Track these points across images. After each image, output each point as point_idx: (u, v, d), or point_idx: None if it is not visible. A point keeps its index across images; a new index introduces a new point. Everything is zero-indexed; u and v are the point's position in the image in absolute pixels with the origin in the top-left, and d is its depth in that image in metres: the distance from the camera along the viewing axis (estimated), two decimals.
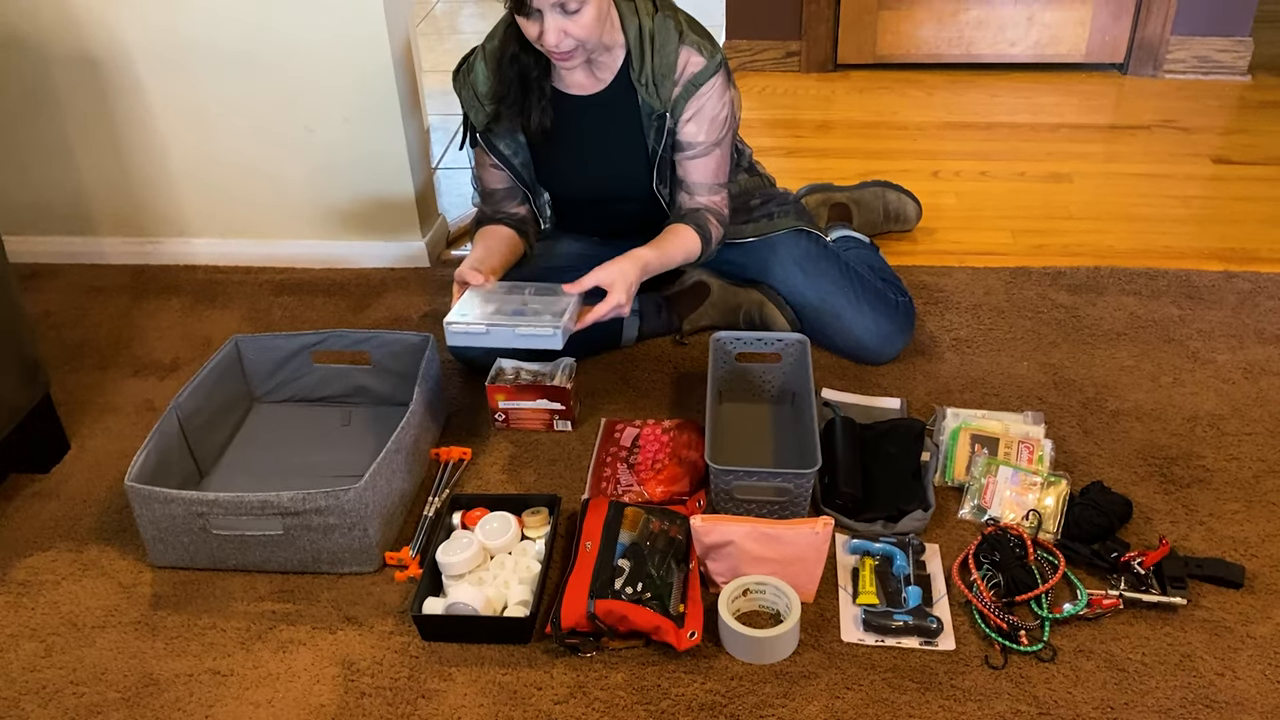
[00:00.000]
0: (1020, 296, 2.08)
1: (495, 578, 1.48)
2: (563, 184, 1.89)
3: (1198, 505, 1.59)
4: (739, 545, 1.43)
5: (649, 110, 1.73)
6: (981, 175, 2.57)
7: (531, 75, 1.72)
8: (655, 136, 1.75)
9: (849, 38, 3.13)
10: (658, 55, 1.69)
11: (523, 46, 1.70)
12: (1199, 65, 3.02)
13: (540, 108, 1.73)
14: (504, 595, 1.46)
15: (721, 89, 1.73)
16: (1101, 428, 1.74)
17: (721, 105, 1.74)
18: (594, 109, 1.76)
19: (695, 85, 1.70)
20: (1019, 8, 3.03)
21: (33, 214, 2.32)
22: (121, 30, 2.07)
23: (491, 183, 1.84)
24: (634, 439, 1.72)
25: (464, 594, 1.42)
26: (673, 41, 1.69)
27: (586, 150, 1.80)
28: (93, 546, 1.61)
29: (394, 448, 1.56)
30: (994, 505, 1.57)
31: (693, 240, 1.76)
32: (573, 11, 1.56)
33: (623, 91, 1.74)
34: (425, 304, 2.15)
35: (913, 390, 1.84)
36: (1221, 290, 2.08)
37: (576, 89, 1.76)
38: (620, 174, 1.82)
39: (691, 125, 1.73)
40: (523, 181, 1.82)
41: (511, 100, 1.72)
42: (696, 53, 1.70)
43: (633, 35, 1.70)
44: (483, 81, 1.74)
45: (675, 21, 1.70)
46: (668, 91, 1.71)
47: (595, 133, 1.78)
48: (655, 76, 1.70)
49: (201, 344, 2.06)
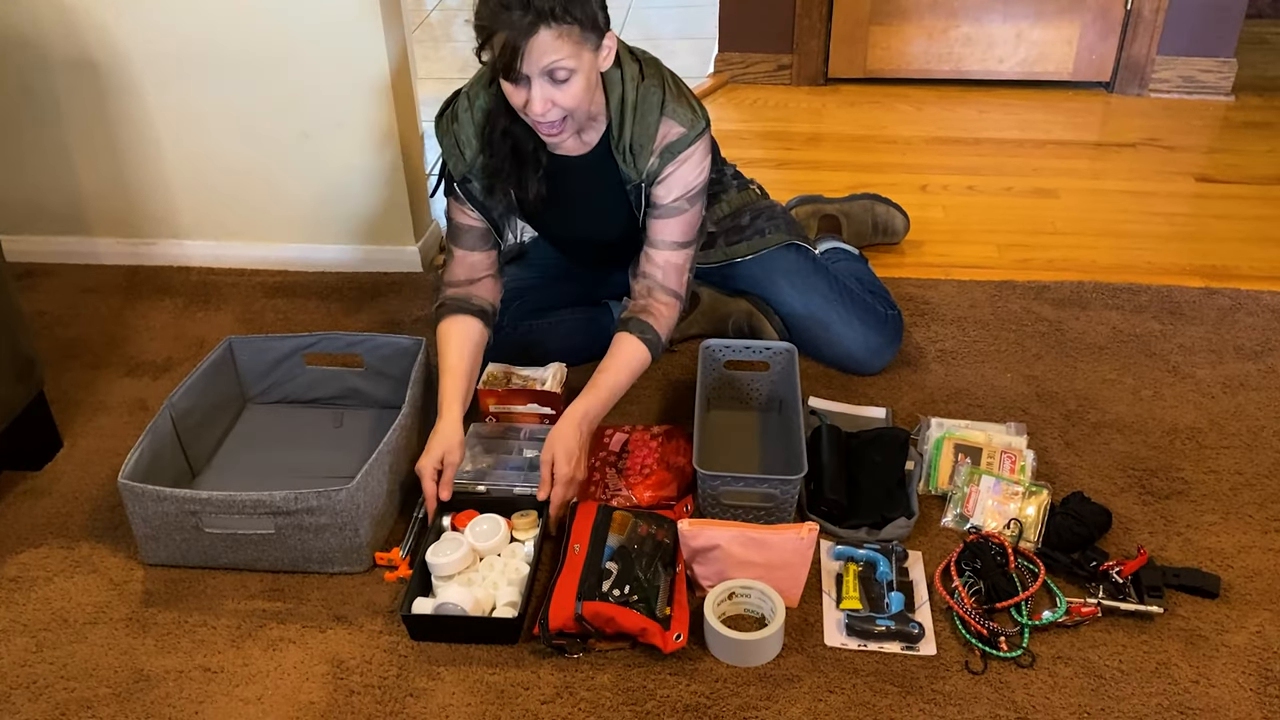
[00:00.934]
0: (1005, 310, 2.12)
1: (484, 579, 1.50)
2: (549, 232, 1.89)
3: (1176, 516, 1.62)
4: (725, 549, 1.45)
5: (628, 180, 1.69)
6: (969, 190, 2.61)
7: (527, 148, 1.66)
8: (636, 201, 1.72)
9: (840, 52, 3.17)
10: (638, 125, 1.64)
11: (513, 118, 1.62)
12: (1184, 85, 3.06)
13: (537, 178, 1.69)
14: (493, 596, 1.48)
15: (699, 158, 1.67)
16: (1083, 439, 1.77)
17: (697, 173, 1.68)
18: (581, 170, 1.72)
19: (672, 153, 1.65)
20: (1008, 26, 3.07)
21: (28, 214, 2.33)
22: (120, 33, 2.09)
23: (463, 221, 1.76)
24: (623, 444, 1.74)
25: (453, 594, 1.44)
26: (654, 113, 1.63)
27: (574, 208, 1.78)
28: (84, 544, 1.62)
29: (386, 449, 1.57)
30: (976, 514, 1.60)
31: (639, 356, 1.68)
32: (561, 81, 1.50)
33: (606, 155, 1.70)
34: (418, 309, 2.17)
35: (898, 400, 1.87)
36: (1202, 306, 2.12)
37: (565, 151, 1.71)
38: (605, 227, 1.80)
39: (661, 188, 1.68)
40: (496, 228, 1.77)
41: (507, 174, 1.67)
42: (677, 124, 1.64)
43: (614, 104, 1.64)
44: (468, 135, 1.67)
45: (661, 91, 1.64)
46: (644, 162, 1.66)
47: (582, 193, 1.75)
48: (634, 146, 1.65)
49: (194, 345, 2.08)
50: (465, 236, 1.76)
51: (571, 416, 1.62)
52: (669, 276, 1.72)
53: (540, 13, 1.43)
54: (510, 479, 1.67)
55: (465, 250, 1.77)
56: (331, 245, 2.30)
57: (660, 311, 1.71)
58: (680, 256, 1.73)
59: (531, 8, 1.43)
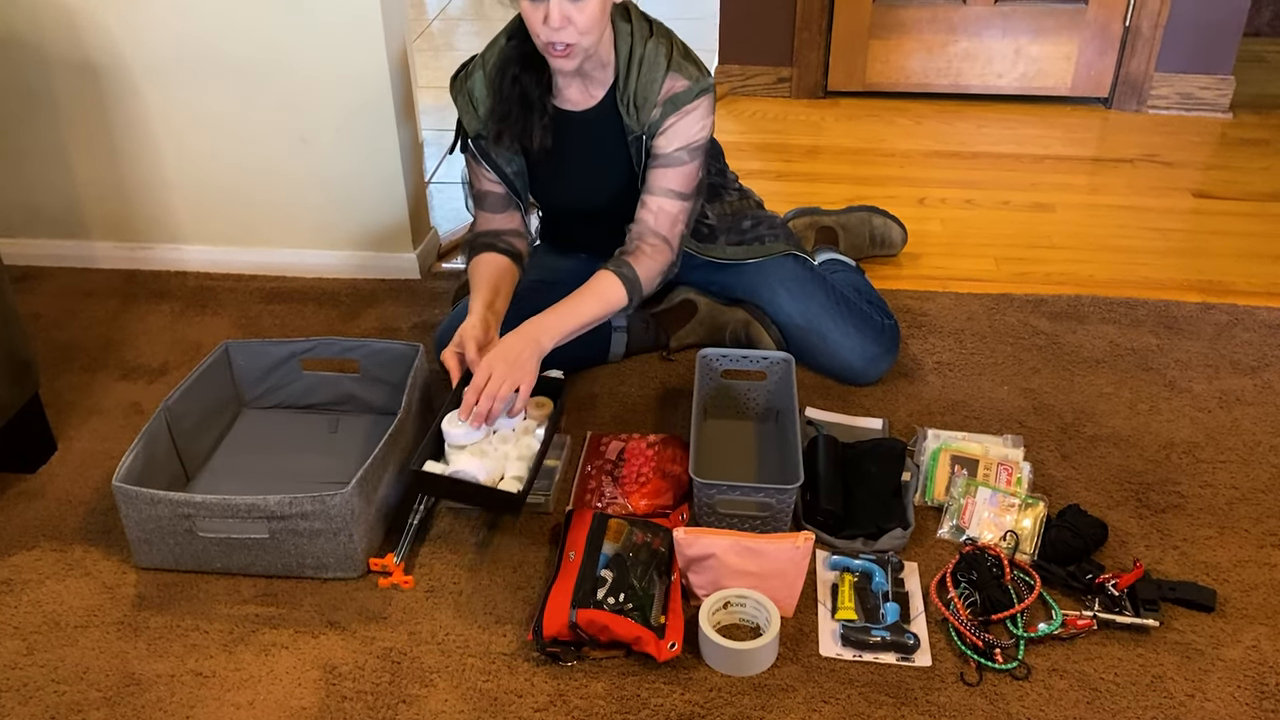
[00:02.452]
0: (1002, 322, 2.12)
1: (496, 450, 1.57)
2: (551, 195, 1.91)
3: (1172, 530, 1.61)
4: (721, 558, 1.45)
5: (630, 131, 1.75)
6: (967, 203, 2.61)
7: (533, 94, 1.73)
8: (636, 156, 1.77)
9: (839, 65, 3.18)
10: (644, 77, 1.71)
11: (523, 67, 1.72)
12: (1182, 102, 3.08)
13: (542, 125, 1.75)
14: (502, 467, 1.55)
15: (702, 114, 1.73)
16: (1079, 452, 1.77)
17: (699, 128, 1.73)
18: (584, 124, 1.79)
19: (675, 105, 1.71)
20: (1007, 41, 3.08)
21: (26, 216, 2.33)
22: (121, 36, 2.09)
23: (484, 187, 1.85)
24: (619, 452, 1.74)
25: (468, 464, 1.52)
26: (660, 67, 1.71)
27: (576, 165, 1.83)
28: (77, 547, 1.61)
29: (381, 455, 1.57)
30: (972, 525, 1.59)
31: (614, 292, 1.70)
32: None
33: (611, 109, 1.76)
34: (415, 315, 2.17)
35: (895, 411, 1.87)
36: (1199, 321, 2.12)
37: (570, 104, 1.79)
38: (605, 188, 1.84)
39: (662, 139, 1.73)
40: (515, 190, 1.84)
41: (514, 120, 1.74)
42: (682, 77, 1.71)
43: (623, 56, 1.72)
44: (480, 90, 1.76)
45: (669, 47, 1.72)
46: (647, 114, 1.72)
47: (584, 147, 1.81)
48: (637, 99, 1.72)
49: (191, 349, 2.07)
50: (487, 200, 1.86)
51: (525, 330, 1.63)
52: (660, 221, 1.76)
53: None
54: None
55: (489, 214, 1.87)
56: (329, 251, 2.30)
57: (645, 253, 1.75)
58: (675, 206, 1.76)
59: None
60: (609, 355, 1.97)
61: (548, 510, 1.66)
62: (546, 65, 1.74)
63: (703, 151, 1.77)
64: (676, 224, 1.77)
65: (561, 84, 1.77)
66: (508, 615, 1.48)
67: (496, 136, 1.76)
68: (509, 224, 1.87)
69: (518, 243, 1.87)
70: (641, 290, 1.74)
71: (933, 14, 3.07)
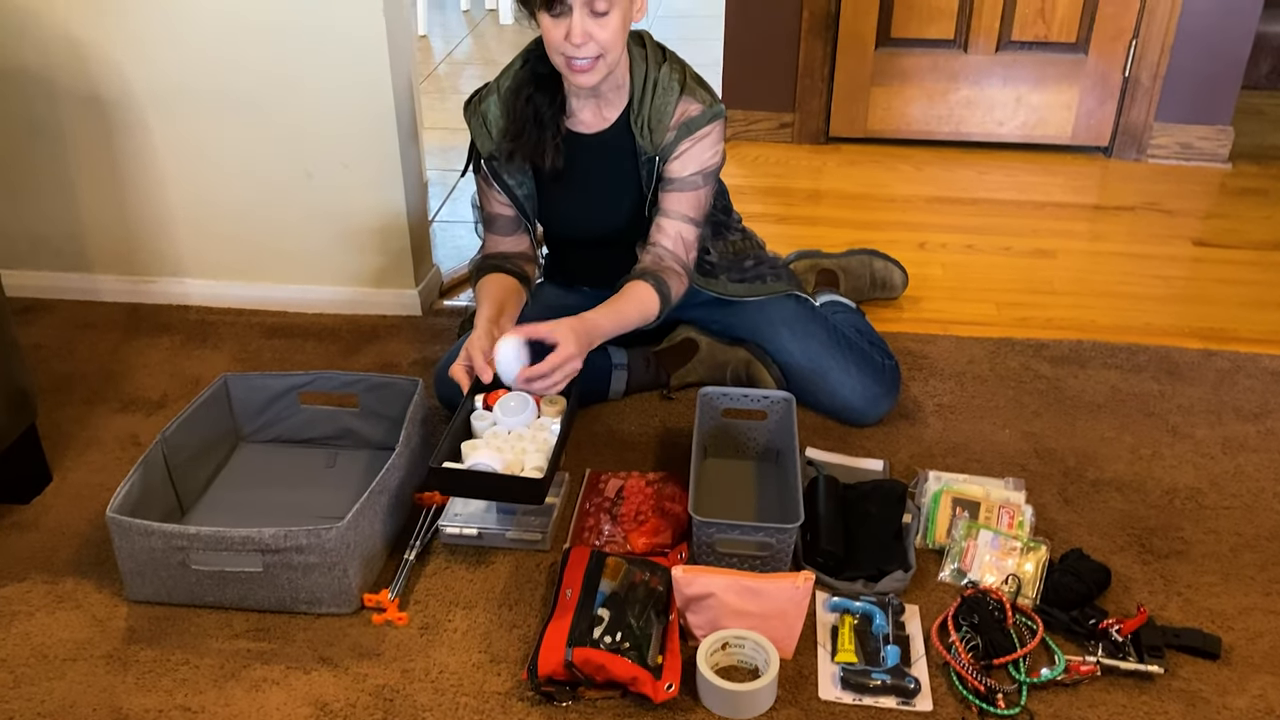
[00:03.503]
0: (1003, 366, 2.11)
1: (512, 447, 1.59)
2: (560, 221, 1.92)
3: (1175, 576, 1.60)
4: (720, 598, 1.43)
5: (642, 153, 1.77)
6: (968, 248, 2.62)
7: (546, 115, 1.76)
8: (647, 179, 1.79)
9: (841, 112, 3.21)
10: (658, 100, 1.74)
11: (537, 87, 1.75)
12: (1181, 151, 3.10)
13: (554, 145, 1.77)
14: (521, 461, 1.56)
15: (715, 139, 1.76)
16: (1081, 497, 1.76)
17: (712, 153, 1.77)
18: (596, 147, 1.81)
19: (689, 130, 1.74)
20: (1008, 89, 3.11)
21: (29, 248, 2.33)
22: (129, 69, 2.11)
23: (494, 209, 1.87)
24: (618, 490, 1.73)
25: (484, 456, 1.54)
26: (674, 91, 1.74)
27: (586, 188, 1.84)
28: (68, 579, 1.60)
29: (378, 489, 1.56)
30: (974, 569, 1.58)
31: (650, 299, 1.74)
32: (600, 13, 1.60)
33: (623, 132, 1.78)
34: (416, 352, 2.16)
35: (896, 453, 1.86)
36: (1201, 368, 2.11)
37: (582, 126, 1.80)
38: (614, 213, 1.85)
39: (677, 163, 1.76)
40: (525, 213, 1.85)
41: (527, 138, 1.76)
42: (695, 101, 1.74)
43: (638, 79, 1.75)
44: (494, 112, 1.78)
45: (682, 73, 1.76)
46: (661, 135, 1.75)
47: (595, 171, 1.82)
48: (651, 121, 1.74)
49: (190, 383, 2.07)
50: (497, 223, 1.88)
51: (582, 320, 1.65)
52: (679, 247, 1.80)
53: None
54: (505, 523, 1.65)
55: (498, 236, 1.90)
56: (331, 287, 2.30)
57: (672, 272, 1.78)
58: (690, 232, 1.80)
59: None
60: (609, 393, 1.96)
61: (545, 548, 1.64)
62: (561, 87, 1.76)
63: (715, 177, 1.81)
64: (691, 250, 1.82)
65: (575, 106, 1.79)
66: (503, 654, 1.46)
67: (509, 156, 1.78)
68: (517, 247, 1.89)
69: (525, 265, 1.88)
70: (670, 305, 1.77)
71: (934, 62, 3.10)
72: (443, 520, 1.65)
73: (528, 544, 1.64)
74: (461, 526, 1.64)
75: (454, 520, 1.65)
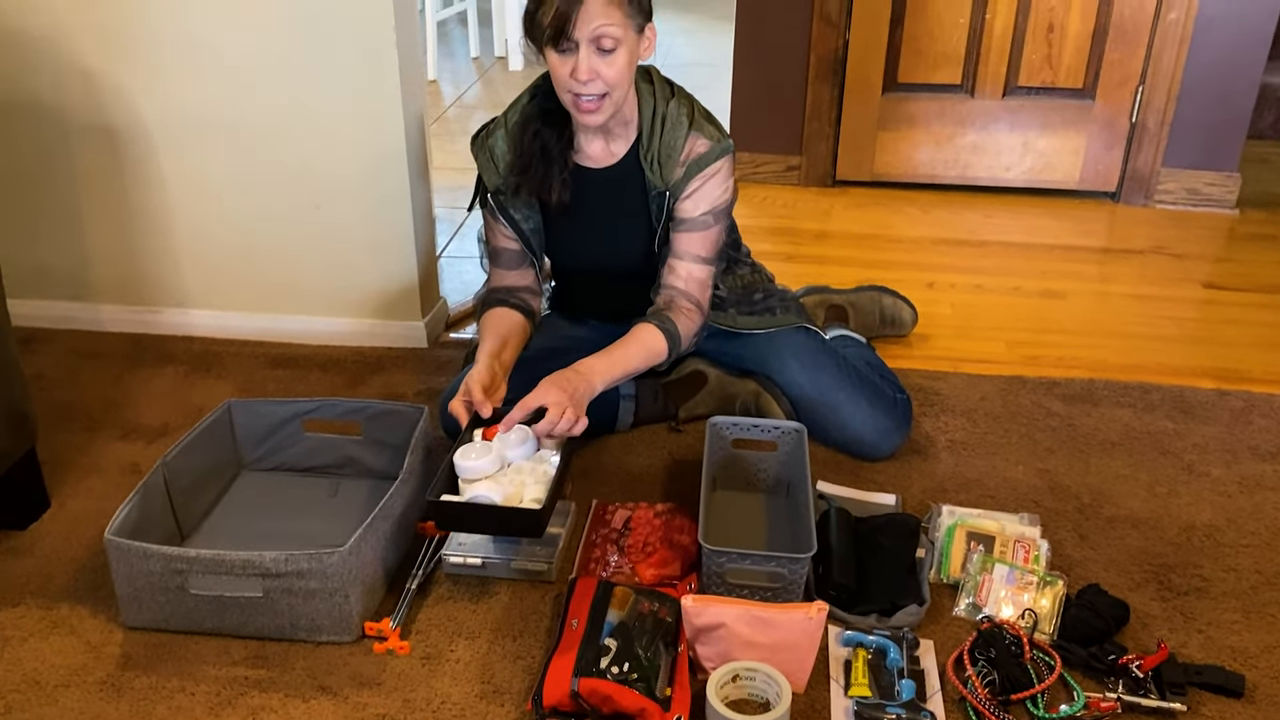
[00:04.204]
0: (1015, 403, 2.09)
1: (511, 481, 1.55)
2: (567, 255, 1.90)
3: (1196, 613, 1.56)
4: (730, 628, 1.40)
5: (652, 188, 1.76)
6: (976, 288, 2.61)
7: (554, 149, 1.75)
8: (656, 214, 1.78)
9: (848, 155, 3.22)
10: (667, 135, 1.74)
11: (545, 122, 1.75)
12: (1189, 197, 3.10)
13: (561, 180, 1.76)
14: (519, 493, 1.53)
15: (724, 176, 1.76)
16: (1097, 533, 1.73)
17: (723, 190, 1.76)
18: (604, 182, 1.80)
19: (699, 166, 1.74)
20: (1014, 135, 3.12)
21: (35, 278, 2.32)
22: (142, 102, 2.12)
23: (500, 244, 1.86)
24: (625, 521, 1.70)
25: (483, 489, 1.51)
26: (683, 126, 1.74)
27: (593, 222, 1.83)
28: (64, 605, 1.56)
29: (381, 515, 1.53)
30: (989, 603, 1.54)
31: (657, 343, 1.73)
32: (607, 50, 1.60)
33: (632, 167, 1.78)
34: (421, 383, 2.14)
35: (908, 488, 1.83)
36: (1215, 407, 2.09)
37: (590, 161, 1.80)
38: (622, 248, 1.84)
39: (689, 203, 1.76)
40: (530, 248, 1.84)
41: (533, 172, 1.75)
42: (703, 138, 1.74)
43: (646, 115, 1.75)
44: (501, 146, 1.78)
45: (689, 109, 1.76)
46: (670, 171, 1.74)
47: (603, 206, 1.81)
48: (660, 156, 1.74)
49: (193, 412, 2.04)
50: (502, 257, 1.88)
51: (578, 369, 1.65)
52: (692, 287, 1.79)
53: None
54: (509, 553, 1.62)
55: (504, 270, 1.89)
56: (337, 319, 2.28)
57: (683, 312, 1.77)
58: (703, 271, 1.79)
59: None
60: (616, 424, 1.94)
61: (550, 579, 1.61)
62: (568, 122, 1.76)
63: (726, 215, 1.80)
64: (705, 288, 1.81)
65: (583, 141, 1.79)
66: (506, 685, 1.42)
67: (515, 189, 1.77)
68: (522, 281, 1.88)
69: (530, 300, 1.87)
70: (680, 345, 1.76)
71: (940, 107, 3.12)
72: (446, 549, 1.62)
73: (533, 574, 1.60)
74: (465, 556, 1.61)
75: (457, 549, 1.62)
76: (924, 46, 3.06)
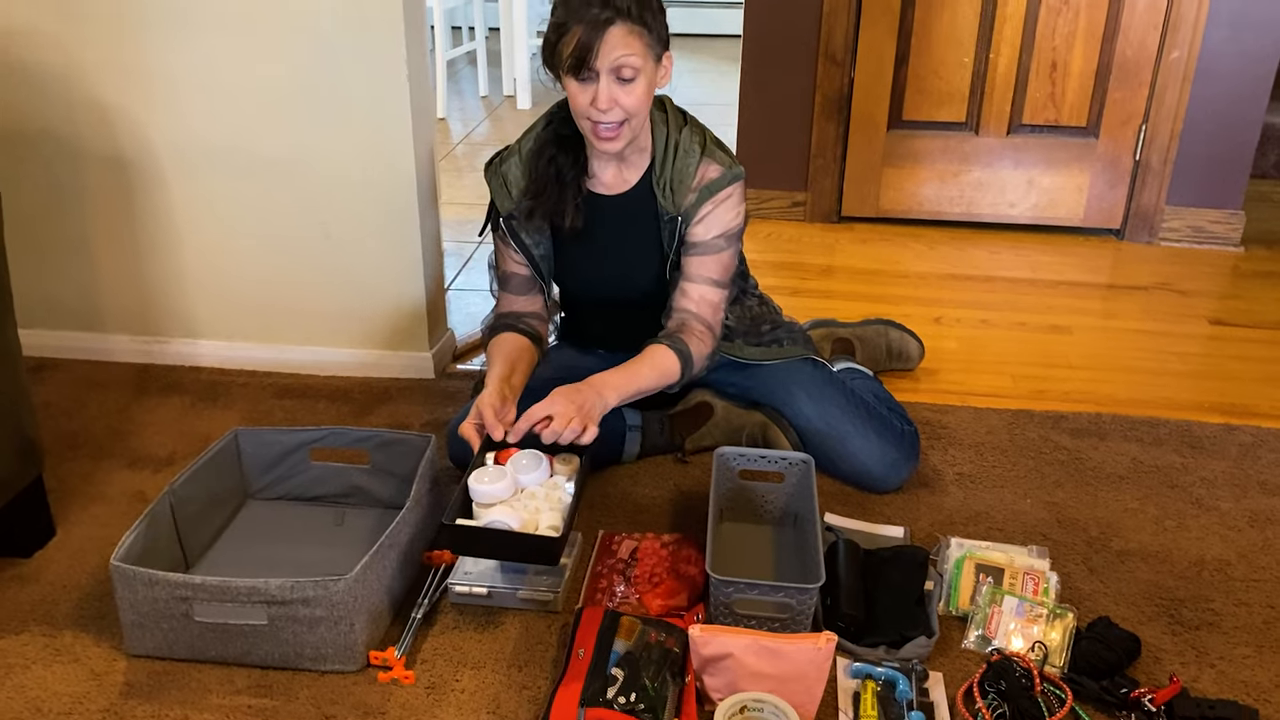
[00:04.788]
0: (1022, 437, 2.08)
1: (525, 506, 1.54)
2: (578, 281, 1.91)
3: (1208, 648, 1.55)
4: (738, 658, 1.38)
5: (664, 214, 1.77)
6: (982, 323, 2.61)
7: (568, 175, 1.77)
8: (668, 240, 1.79)
9: (853, 192, 3.24)
10: (679, 162, 1.75)
11: (559, 148, 1.77)
12: (1193, 235, 3.11)
13: (575, 205, 1.78)
14: (536, 520, 1.52)
15: (736, 200, 1.77)
16: (1107, 566, 1.72)
17: (734, 214, 1.78)
18: (616, 209, 1.81)
19: (711, 192, 1.75)
20: (1019, 172, 3.14)
21: (44, 308, 2.33)
22: (154, 134, 2.14)
23: (509, 269, 1.87)
24: (632, 551, 1.69)
25: (498, 514, 1.50)
26: (695, 153, 1.75)
27: (605, 248, 1.84)
28: (68, 632, 1.55)
29: (388, 543, 1.52)
30: (999, 636, 1.53)
31: (669, 362, 1.74)
32: (627, 80, 1.63)
33: (645, 194, 1.79)
34: (428, 413, 2.15)
35: (916, 520, 1.82)
36: (1223, 441, 2.08)
37: (603, 188, 1.82)
38: (634, 275, 1.85)
39: (700, 227, 1.77)
40: (540, 273, 1.85)
41: (547, 197, 1.77)
42: (715, 164, 1.76)
43: (659, 142, 1.77)
44: (515, 172, 1.80)
45: (703, 136, 1.78)
46: (683, 197, 1.76)
47: (615, 232, 1.83)
48: (673, 182, 1.76)
49: (200, 441, 2.04)
50: (511, 282, 1.89)
51: (591, 383, 1.65)
52: (703, 309, 1.79)
53: (619, 9, 1.60)
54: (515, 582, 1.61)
55: (513, 295, 1.90)
56: (344, 349, 2.29)
57: (695, 334, 1.77)
58: (715, 294, 1.80)
59: (611, 5, 1.59)
60: (623, 455, 1.94)
61: (556, 609, 1.60)
62: (583, 148, 1.78)
63: (738, 239, 1.81)
64: (718, 311, 1.81)
65: (597, 168, 1.80)
66: (511, 715, 1.41)
67: (528, 214, 1.79)
68: (531, 307, 1.89)
69: (538, 325, 1.87)
70: (693, 367, 1.76)
71: (945, 144, 3.14)
72: (452, 579, 1.61)
73: (539, 604, 1.60)
74: (471, 585, 1.60)
75: (464, 579, 1.61)
76: (928, 85, 3.09)
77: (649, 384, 1.73)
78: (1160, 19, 2.93)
